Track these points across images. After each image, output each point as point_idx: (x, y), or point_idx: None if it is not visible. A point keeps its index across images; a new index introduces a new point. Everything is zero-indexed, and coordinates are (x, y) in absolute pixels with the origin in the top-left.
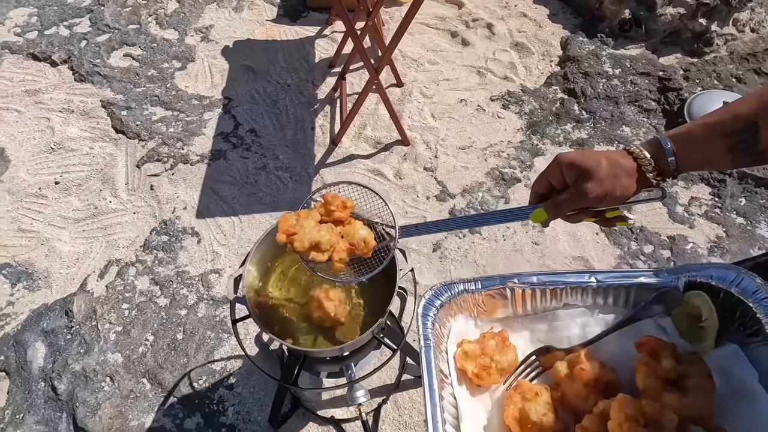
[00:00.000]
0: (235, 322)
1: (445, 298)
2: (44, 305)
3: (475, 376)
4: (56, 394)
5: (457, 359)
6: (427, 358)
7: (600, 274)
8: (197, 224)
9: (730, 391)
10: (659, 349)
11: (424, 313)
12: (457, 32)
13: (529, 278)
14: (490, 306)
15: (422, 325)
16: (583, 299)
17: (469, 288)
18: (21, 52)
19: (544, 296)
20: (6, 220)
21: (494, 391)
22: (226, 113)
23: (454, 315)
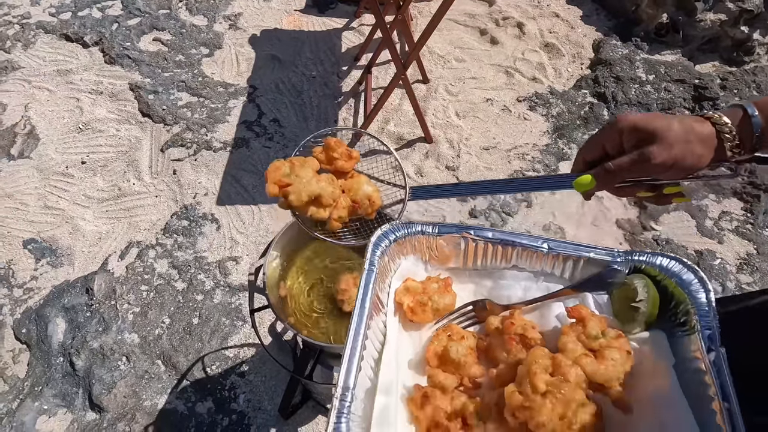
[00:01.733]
0: (253, 312)
1: (400, 234)
2: (66, 282)
3: (410, 310)
4: (74, 369)
5: (398, 293)
6: (366, 281)
7: (553, 242)
8: (217, 211)
9: (644, 372)
10: (588, 318)
11: (376, 242)
12: (486, 30)
13: (484, 232)
14: (441, 253)
15: (371, 252)
16: (531, 263)
17: (426, 230)
18: (54, 33)
19: (495, 253)
20: (33, 197)
21: (425, 329)
22: (251, 102)
23: (405, 253)
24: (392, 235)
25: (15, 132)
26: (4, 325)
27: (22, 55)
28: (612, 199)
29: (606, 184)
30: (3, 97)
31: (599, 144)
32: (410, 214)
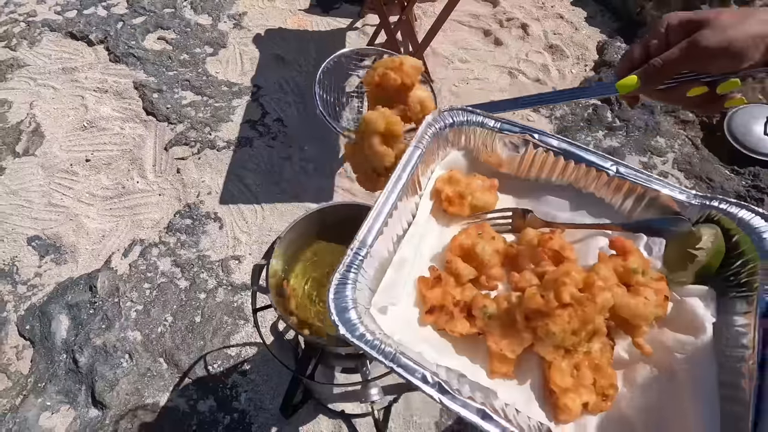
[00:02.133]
0: (256, 311)
1: (459, 120)
2: (69, 279)
3: (447, 200)
4: (77, 366)
5: (439, 180)
6: (410, 156)
7: (622, 166)
8: (220, 210)
9: (678, 324)
10: (631, 252)
11: (431, 122)
12: (490, 31)
13: (549, 139)
14: (496, 153)
15: (423, 129)
16: (592, 185)
17: (487, 123)
18: (60, 31)
19: (555, 166)
20: (38, 194)
21: (456, 224)
22: (254, 101)
23: (458, 144)
24: (449, 119)
25: (20, 129)
26: (8, 321)
27: (27, 52)
28: None
29: (652, 82)
30: (8, 94)
31: (645, 45)
32: None
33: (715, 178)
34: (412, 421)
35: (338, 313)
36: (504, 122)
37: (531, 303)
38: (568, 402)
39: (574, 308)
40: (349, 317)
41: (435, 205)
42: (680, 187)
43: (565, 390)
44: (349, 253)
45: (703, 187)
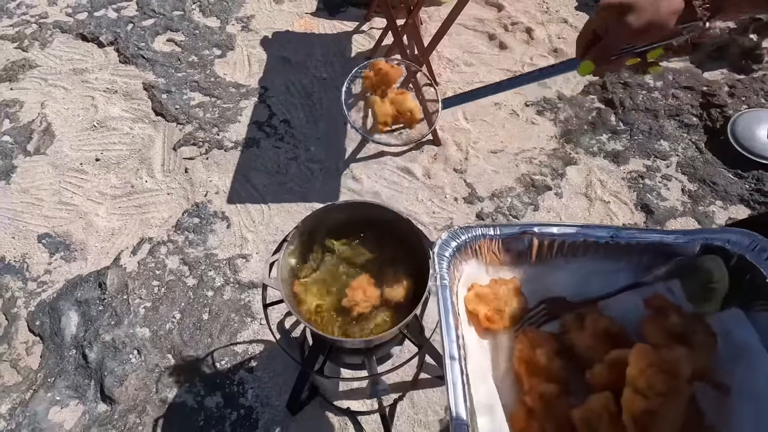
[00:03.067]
0: (266, 307)
1: (461, 241)
2: (79, 276)
3: (487, 319)
4: (86, 361)
5: (469, 302)
6: (444, 296)
7: (623, 230)
8: (228, 209)
9: (730, 351)
10: (666, 307)
11: (440, 253)
12: (495, 35)
13: (549, 229)
14: (504, 253)
15: (438, 264)
16: (598, 255)
17: (487, 233)
18: (71, 32)
19: (561, 249)
20: (48, 192)
21: (501, 336)
22: (262, 102)
23: (467, 259)
24: (454, 242)
25: (31, 129)
26: (19, 317)
27: (39, 53)
28: (618, 204)
29: (602, 61)
30: (20, 94)
31: (589, 29)
32: (419, 216)
33: (718, 181)
34: (416, 419)
35: None
36: (502, 227)
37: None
38: None
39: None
40: None
41: (475, 327)
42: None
43: None
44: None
45: (707, 190)
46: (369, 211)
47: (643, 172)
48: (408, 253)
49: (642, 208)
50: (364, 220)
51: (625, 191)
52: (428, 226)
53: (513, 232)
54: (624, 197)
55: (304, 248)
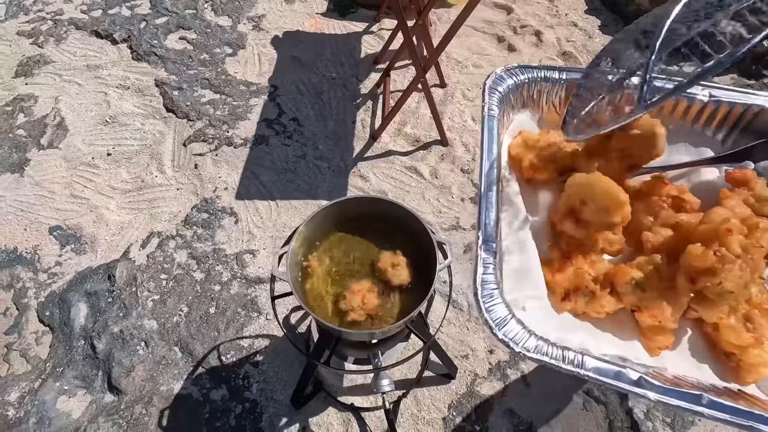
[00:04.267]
0: (274, 299)
1: (519, 81)
2: (89, 268)
3: (531, 167)
4: (94, 352)
5: (513, 147)
6: (490, 126)
7: (716, 89)
8: (236, 205)
9: None
10: (754, 181)
11: (492, 87)
12: (504, 37)
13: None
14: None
15: (488, 97)
16: (684, 115)
17: (550, 76)
18: (85, 29)
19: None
20: (60, 185)
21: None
22: (271, 101)
23: (520, 106)
24: (510, 80)
25: (45, 123)
26: (29, 307)
27: (54, 49)
28: None
29: None
30: (35, 89)
31: None
32: (425, 215)
33: None
34: (420, 417)
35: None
36: (570, 71)
37: (700, 261)
38: (754, 360)
39: (743, 259)
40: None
41: (516, 175)
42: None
43: (746, 348)
44: (479, 252)
45: None
46: (377, 207)
47: None
48: (416, 250)
49: None
50: (372, 215)
51: None
52: (434, 226)
53: (575, 77)
54: None
55: (313, 242)
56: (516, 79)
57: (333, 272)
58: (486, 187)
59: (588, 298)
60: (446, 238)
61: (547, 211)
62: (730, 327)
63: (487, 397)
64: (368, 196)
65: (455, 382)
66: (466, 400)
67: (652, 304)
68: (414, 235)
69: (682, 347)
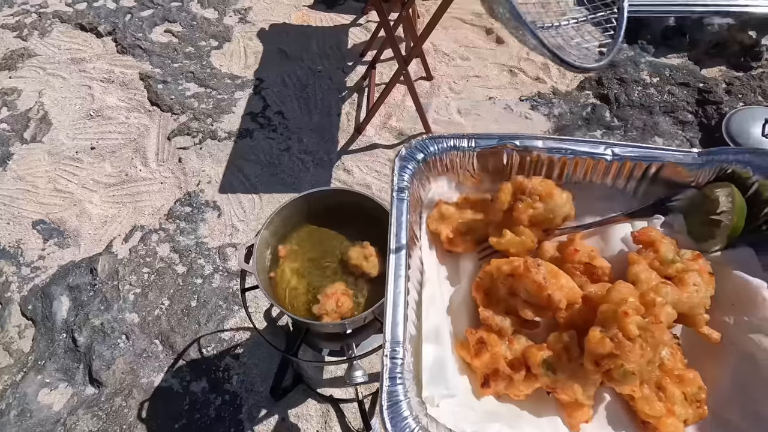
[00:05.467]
0: (244, 291)
1: (429, 153)
2: (71, 262)
3: (448, 241)
4: (76, 345)
5: (431, 221)
6: (398, 210)
7: (618, 147)
8: (219, 199)
9: (731, 294)
10: (659, 241)
11: (402, 164)
12: (492, 29)
13: (532, 142)
14: (479, 170)
15: (398, 176)
16: (590, 175)
17: (460, 145)
18: (70, 22)
19: (548, 166)
20: (44, 179)
21: (464, 259)
22: (256, 94)
23: (435, 176)
24: (420, 154)
25: (29, 117)
26: (12, 301)
27: (38, 43)
28: None
29: None
30: (18, 83)
31: None
32: None
33: None
34: None
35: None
36: (479, 138)
37: (599, 348)
38: (670, 430)
39: (644, 338)
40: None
41: (437, 250)
42: (681, 150)
43: (660, 418)
44: (385, 361)
45: None
46: (345, 198)
47: None
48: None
49: None
50: (341, 207)
51: None
52: None
53: (490, 144)
54: None
55: (283, 234)
56: (426, 152)
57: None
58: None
59: (506, 383)
60: None
61: (467, 282)
62: (644, 398)
63: None
64: (336, 188)
65: None
66: None
67: (564, 385)
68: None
69: (601, 418)
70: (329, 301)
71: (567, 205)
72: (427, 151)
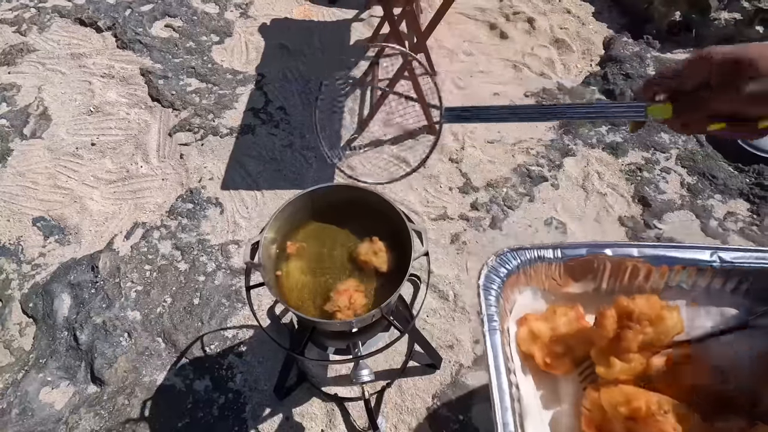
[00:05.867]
0: (249, 289)
1: (512, 267)
2: (72, 259)
3: (545, 364)
4: (77, 343)
5: (522, 341)
6: (493, 344)
7: (726, 251)
8: (221, 195)
9: None
10: None
11: (486, 284)
12: (496, 24)
13: (626, 250)
14: (566, 278)
15: (485, 300)
16: (693, 281)
17: (546, 255)
18: (69, 17)
19: (646, 274)
20: (44, 176)
21: (563, 382)
22: (258, 89)
23: (521, 288)
24: (502, 270)
25: (28, 112)
26: (12, 299)
27: (37, 38)
28: (615, 196)
29: (687, 117)
30: (18, 78)
31: (682, 74)
32: (412, 204)
33: (718, 175)
34: (404, 407)
35: None
36: (564, 248)
37: None
38: None
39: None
40: None
41: (531, 372)
42: None
43: None
44: None
45: (706, 183)
46: (352, 195)
47: (641, 165)
48: (393, 238)
49: (639, 201)
50: (348, 203)
51: (623, 184)
52: (422, 215)
53: (578, 254)
54: (621, 189)
55: (288, 230)
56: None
57: (310, 262)
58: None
59: None
60: (433, 227)
61: (570, 406)
62: None
63: (471, 388)
64: (342, 184)
65: (440, 372)
66: (451, 390)
67: None
68: (390, 224)
69: None
70: (341, 297)
71: (678, 325)
72: (509, 266)
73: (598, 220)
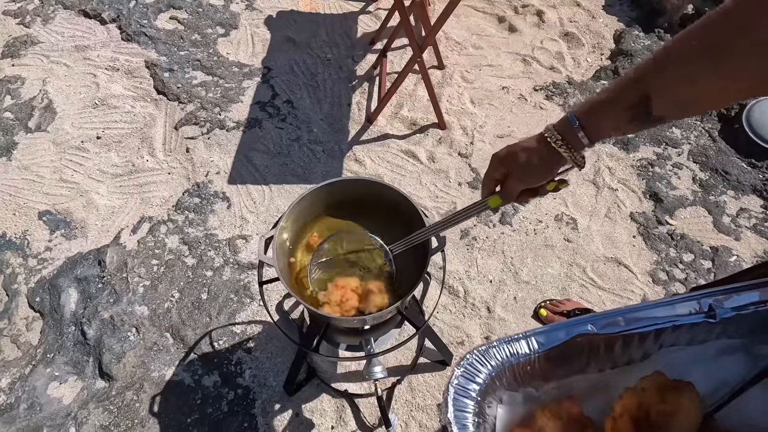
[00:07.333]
0: (262, 284)
1: (483, 378)
2: (79, 254)
3: None
4: (85, 338)
5: None
6: None
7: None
8: (228, 190)
9: None
10: None
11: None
12: (504, 17)
13: (612, 319)
14: (548, 367)
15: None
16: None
17: (520, 352)
18: (73, 9)
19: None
20: (49, 170)
21: None
22: (265, 83)
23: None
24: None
25: (33, 105)
26: (19, 293)
27: (41, 30)
28: (626, 191)
29: (509, 199)
30: (22, 71)
31: (492, 176)
32: (422, 200)
33: (731, 170)
34: (414, 403)
35: None
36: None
37: None
38: None
39: None
40: None
41: None
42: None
43: None
44: None
45: (718, 179)
46: (368, 190)
47: (653, 160)
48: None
49: (651, 197)
50: (364, 198)
51: (634, 179)
52: (431, 210)
53: (557, 341)
54: (632, 185)
55: (302, 225)
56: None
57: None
58: None
59: None
60: None
61: None
62: None
63: None
64: (359, 178)
65: (450, 369)
66: None
67: None
68: (407, 219)
69: None
70: (335, 291)
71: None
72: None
73: (609, 216)
